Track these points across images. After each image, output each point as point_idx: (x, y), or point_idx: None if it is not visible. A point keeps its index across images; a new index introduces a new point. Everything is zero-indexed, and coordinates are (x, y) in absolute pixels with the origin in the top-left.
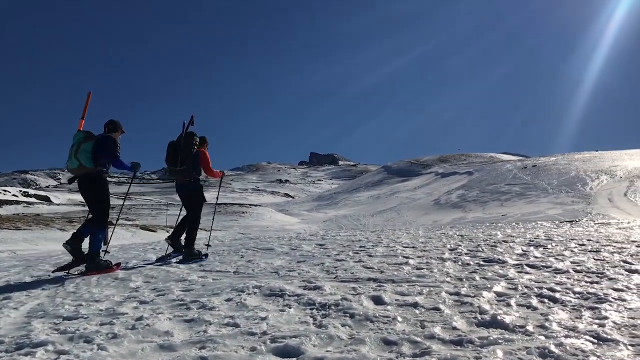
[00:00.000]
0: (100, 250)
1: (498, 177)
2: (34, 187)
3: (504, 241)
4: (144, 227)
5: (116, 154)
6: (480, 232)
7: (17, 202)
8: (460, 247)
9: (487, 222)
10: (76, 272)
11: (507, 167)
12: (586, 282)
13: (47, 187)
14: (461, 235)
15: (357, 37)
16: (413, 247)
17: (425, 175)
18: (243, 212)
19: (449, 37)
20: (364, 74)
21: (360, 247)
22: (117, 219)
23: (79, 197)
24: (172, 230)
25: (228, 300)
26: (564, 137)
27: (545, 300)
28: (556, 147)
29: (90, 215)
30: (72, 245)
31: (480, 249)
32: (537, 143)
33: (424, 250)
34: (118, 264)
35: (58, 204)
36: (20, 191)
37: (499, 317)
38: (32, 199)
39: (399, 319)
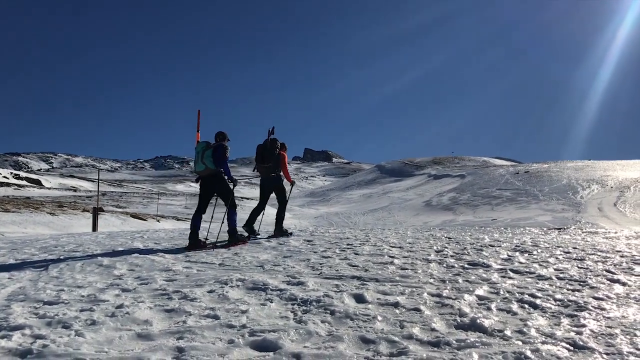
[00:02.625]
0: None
1: (490, 181)
2: (25, 170)
3: (491, 245)
4: (135, 215)
5: (225, 159)
6: (468, 235)
7: (8, 185)
8: (446, 249)
9: (477, 226)
10: (217, 245)
11: (499, 172)
12: (568, 289)
13: (39, 170)
14: (449, 238)
15: (364, 51)
16: (400, 247)
17: (418, 176)
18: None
19: (453, 50)
20: (365, 83)
21: (348, 245)
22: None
23: (70, 182)
24: (247, 219)
25: (210, 292)
26: (557, 145)
27: (526, 306)
28: (549, 155)
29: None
30: (193, 233)
31: (466, 252)
32: (530, 150)
33: (411, 251)
34: (248, 237)
35: (49, 188)
36: (12, 173)
37: (478, 321)
38: (24, 182)
39: (379, 318)
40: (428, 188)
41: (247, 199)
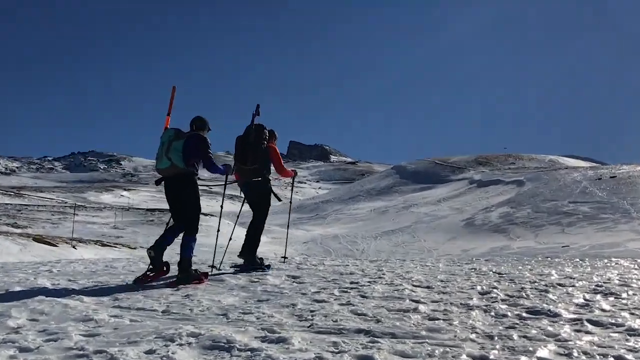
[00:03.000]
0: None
1: (560, 190)
2: None
3: (560, 285)
4: (39, 239)
5: (210, 155)
6: (527, 269)
7: None
8: (495, 290)
9: (540, 256)
10: (161, 282)
11: (573, 177)
12: None
13: None
14: (499, 274)
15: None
16: (428, 287)
17: (454, 182)
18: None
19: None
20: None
21: (352, 283)
22: None
23: None
24: (243, 243)
25: (149, 352)
26: None
27: None
28: None
29: (171, 221)
30: (156, 251)
31: (524, 294)
32: (617, 147)
33: (443, 293)
34: (206, 274)
35: None
36: None
37: None
38: None
39: None
40: (469, 200)
41: (208, 215)
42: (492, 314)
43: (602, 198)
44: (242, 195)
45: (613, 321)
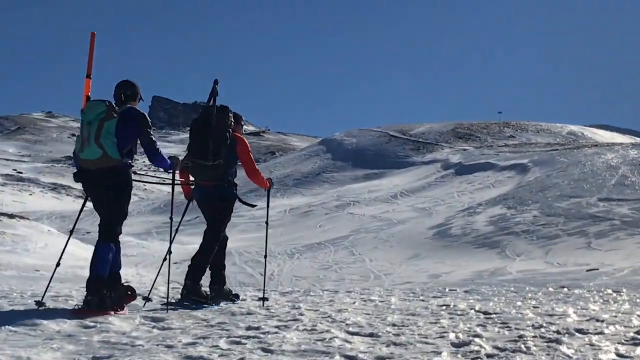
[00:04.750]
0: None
1: (585, 181)
2: None
3: (581, 331)
4: None
5: (154, 139)
6: (530, 307)
7: None
8: (478, 340)
9: (552, 285)
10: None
11: (606, 160)
12: None
13: None
14: (486, 314)
15: None
16: (371, 336)
17: (419, 166)
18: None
19: None
20: None
21: (250, 328)
22: None
23: None
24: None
25: None
26: None
27: None
28: None
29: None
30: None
31: (523, 347)
32: None
33: (396, 345)
34: (132, 291)
35: None
36: None
37: None
38: None
39: None
40: (442, 195)
41: (17, 217)
42: None
43: None
44: (191, 201)
45: None
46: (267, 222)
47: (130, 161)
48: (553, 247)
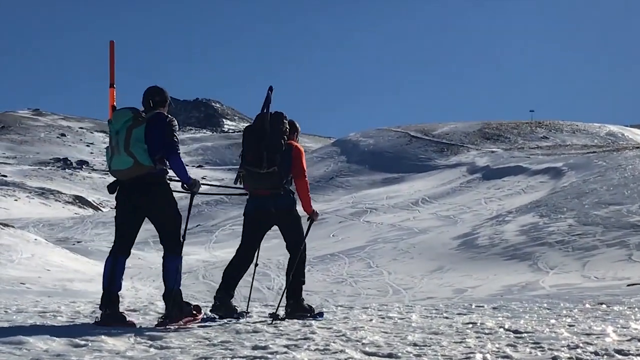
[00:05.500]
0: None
1: (626, 186)
2: None
3: (621, 352)
4: None
5: (177, 145)
6: (565, 325)
7: None
8: None
9: (590, 301)
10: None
11: None
12: None
13: None
14: (516, 332)
15: None
16: (390, 357)
17: (443, 170)
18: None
19: None
20: None
21: (256, 348)
22: None
23: None
24: (221, 282)
25: None
26: None
27: None
28: None
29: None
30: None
31: None
32: None
33: None
34: (198, 308)
35: None
36: None
37: None
38: None
39: None
40: (468, 202)
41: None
42: None
43: None
44: (249, 215)
45: None
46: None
47: (164, 167)
48: (590, 259)
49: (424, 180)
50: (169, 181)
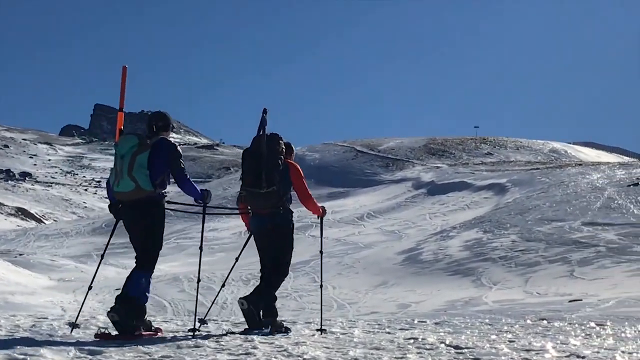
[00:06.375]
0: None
1: (568, 203)
2: None
3: None
4: None
5: (183, 167)
6: (506, 340)
7: None
8: None
9: (531, 317)
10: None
11: (591, 181)
12: None
13: None
14: (457, 348)
15: None
16: None
17: (388, 185)
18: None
19: None
20: None
21: None
22: None
23: None
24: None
25: None
26: None
27: None
28: None
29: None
30: (121, 313)
31: None
32: None
33: None
34: (158, 328)
35: None
36: None
37: None
38: None
39: None
40: (413, 217)
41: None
42: None
43: None
44: (254, 234)
45: None
46: (321, 252)
47: (163, 191)
48: (533, 275)
49: (369, 195)
50: (167, 203)
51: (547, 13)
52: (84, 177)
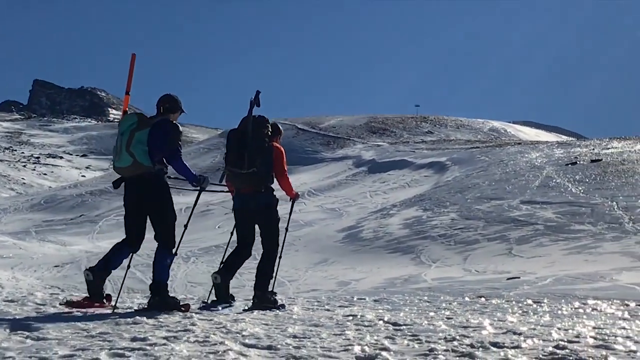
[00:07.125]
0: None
1: (507, 181)
2: None
3: (496, 345)
4: None
5: (179, 148)
6: (444, 318)
7: None
8: (385, 353)
9: (469, 294)
10: (137, 308)
11: (530, 160)
12: None
13: None
14: (395, 325)
15: None
16: (269, 349)
17: (329, 163)
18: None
19: None
20: None
21: (135, 340)
22: None
23: None
24: (222, 263)
25: None
26: None
27: None
28: None
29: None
30: (96, 276)
31: None
32: (603, 111)
33: (295, 358)
34: (187, 306)
35: None
36: None
37: None
38: None
39: None
40: (353, 195)
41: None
42: None
43: (577, 196)
44: (235, 211)
45: None
46: (287, 229)
47: (163, 168)
48: (472, 253)
49: (310, 173)
50: (168, 179)
51: None
52: (22, 153)
